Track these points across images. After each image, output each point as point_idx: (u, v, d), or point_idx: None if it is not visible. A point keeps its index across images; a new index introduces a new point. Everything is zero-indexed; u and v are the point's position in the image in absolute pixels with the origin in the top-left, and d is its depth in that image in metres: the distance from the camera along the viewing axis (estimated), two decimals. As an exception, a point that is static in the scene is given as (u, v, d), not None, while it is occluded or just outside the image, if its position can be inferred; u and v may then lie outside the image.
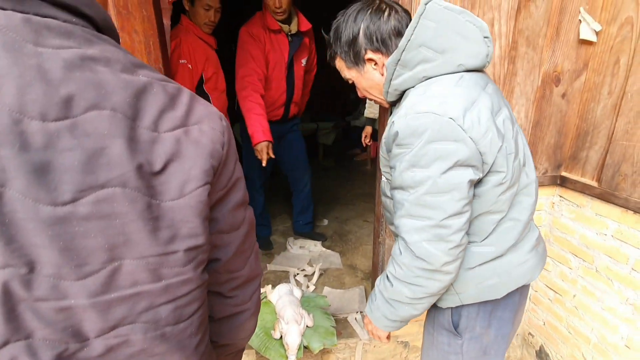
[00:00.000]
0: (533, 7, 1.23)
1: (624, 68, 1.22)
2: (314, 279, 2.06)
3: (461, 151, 0.67)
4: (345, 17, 0.81)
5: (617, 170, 1.25)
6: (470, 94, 0.71)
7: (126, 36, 0.95)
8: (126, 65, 0.36)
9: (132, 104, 0.34)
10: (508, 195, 0.77)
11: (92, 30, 0.36)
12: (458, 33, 0.71)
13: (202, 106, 0.41)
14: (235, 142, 0.45)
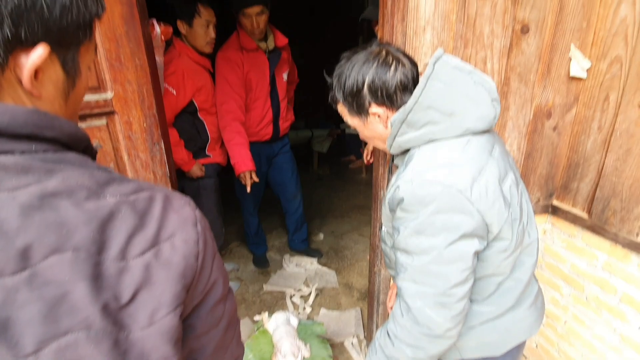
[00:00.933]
0: (525, 44, 1.24)
1: (613, 105, 1.24)
2: (310, 300, 2.07)
3: (468, 223, 0.67)
4: (349, 65, 0.77)
5: (606, 205, 1.27)
6: (477, 162, 0.70)
7: (119, 87, 0.94)
8: (92, 188, 0.35)
9: (97, 238, 0.33)
10: (511, 259, 0.77)
11: (55, 152, 0.36)
12: (466, 96, 0.70)
13: (175, 215, 0.40)
14: (211, 242, 0.43)
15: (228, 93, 1.82)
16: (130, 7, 0.92)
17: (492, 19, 1.18)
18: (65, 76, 0.39)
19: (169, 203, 0.40)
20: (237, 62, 1.83)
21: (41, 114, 0.35)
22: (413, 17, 1.12)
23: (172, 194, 0.42)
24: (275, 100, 2.02)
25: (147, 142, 1.03)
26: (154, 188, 0.41)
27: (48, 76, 0.37)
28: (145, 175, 1.04)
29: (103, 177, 0.37)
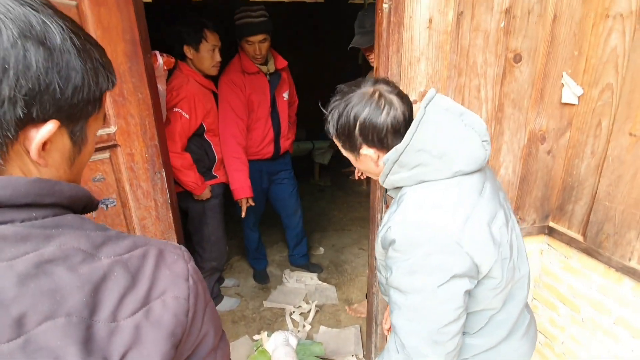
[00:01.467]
0: (518, 72, 1.28)
1: (605, 131, 1.26)
2: (309, 317, 2.08)
3: (459, 265, 0.69)
4: (343, 104, 0.77)
5: (600, 228, 1.29)
6: (467, 204, 0.72)
7: (122, 121, 0.97)
8: (87, 251, 0.37)
9: (89, 302, 0.35)
10: (502, 295, 0.78)
11: (55, 216, 0.37)
12: (456, 138, 0.72)
13: (167, 271, 0.41)
14: (203, 294, 0.44)
15: (230, 117, 1.88)
16: (133, 45, 0.95)
17: (484, 49, 1.21)
18: (72, 145, 0.41)
19: (161, 259, 0.41)
20: (239, 85, 1.89)
21: (42, 183, 0.37)
22: (408, 49, 1.16)
23: (166, 248, 0.43)
24: (275, 120, 2.07)
25: (149, 171, 1.06)
26: (148, 243, 0.42)
27: (55, 146, 0.39)
28: (147, 203, 1.07)
29: (99, 237, 0.39)
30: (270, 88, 1.98)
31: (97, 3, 0.86)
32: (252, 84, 1.92)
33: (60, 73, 0.36)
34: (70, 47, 0.37)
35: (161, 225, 1.13)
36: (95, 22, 0.87)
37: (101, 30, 0.88)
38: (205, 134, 1.81)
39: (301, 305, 2.20)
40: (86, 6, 0.84)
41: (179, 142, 1.66)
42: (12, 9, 0.34)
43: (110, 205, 0.96)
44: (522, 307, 0.86)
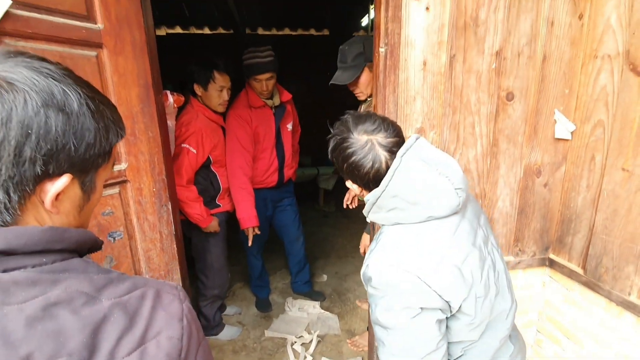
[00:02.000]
0: (511, 110, 1.33)
1: (599, 166, 1.29)
2: (311, 348, 2.05)
3: (427, 302, 0.73)
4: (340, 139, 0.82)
5: (599, 262, 1.29)
6: (438, 248, 0.76)
7: (132, 158, 1.03)
8: (90, 294, 0.40)
9: (89, 343, 0.38)
10: (477, 330, 0.81)
11: (62, 260, 0.41)
12: (430, 187, 0.76)
13: (163, 312, 0.44)
14: (196, 333, 0.47)
15: (238, 150, 1.97)
16: (146, 89, 1.03)
17: (477, 88, 1.27)
18: (82, 194, 0.45)
19: (158, 300, 0.44)
20: (246, 119, 1.98)
21: (53, 231, 0.41)
22: (403, 89, 1.22)
23: (163, 288, 0.46)
24: (280, 150, 2.15)
25: (156, 204, 1.11)
26: (147, 284, 0.45)
27: (67, 196, 0.43)
28: (152, 235, 1.11)
29: (101, 280, 0.42)
30: (275, 120, 2.07)
31: (115, 52, 0.95)
32: (258, 117, 2.02)
33: (76, 134, 0.40)
34: (86, 111, 0.41)
35: (165, 257, 1.16)
36: (113, 69, 0.95)
37: (117, 76, 0.96)
38: (211, 166, 1.87)
39: (303, 335, 2.18)
40: (105, 56, 0.93)
41: (185, 176, 1.73)
42: (37, 82, 0.38)
43: (118, 238, 1.01)
44: (503, 338, 0.87)
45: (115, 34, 0.94)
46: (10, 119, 0.36)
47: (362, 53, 1.57)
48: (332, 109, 2.76)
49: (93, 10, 0.89)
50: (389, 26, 1.18)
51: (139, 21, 0.99)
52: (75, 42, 0.86)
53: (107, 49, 0.93)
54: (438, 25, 1.20)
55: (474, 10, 1.21)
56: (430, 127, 1.28)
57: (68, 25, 0.84)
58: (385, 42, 1.20)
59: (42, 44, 0.79)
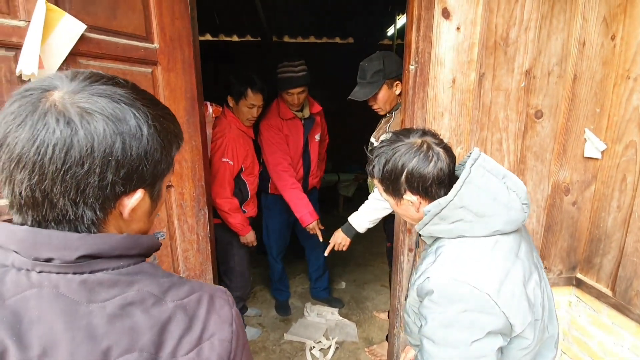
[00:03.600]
0: (539, 127, 1.34)
1: (630, 187, 1.28)
2: (329, 354, 2.08)
3: (494, 324, 0.71)
4: (391, 151, 0.81)
5: (629, 284, 1.27)
6: (504, 264, 0.74)
7: (177, 165, 1.12)
8: (158, 296, 0.45)
9: (156, 340, 0.42)
10: (530, 355, 0.80)
11: (135, 264, 0.46)
12: (498, 200, 0.74)
13: (216, 316, 0.48)
14: (243, 336, 0.50)
15: (278, 154, 2.07)
16: (192, 102, 1.12)
17: (506, 106, 1.29)
18: (151, 202, 0.50)
19: (212, 304, 0.48)
20: (278, 127, 2.08)
21: (130, 238, 0.46)
22: (432, 105, 1.26)
23: (216, 293, 0.50)
24: (307, 160, 2.24)
25: (195, 208, 1.19)
26: (202, 288, 0.50)
27: (140, 206, 0.48)
28: (190, 237, 1.19)
29: (166, 283, 0.47)
30: (304, 131, 2.15)
31: (168, 69, 1.04)
32: (289, 128, 2.11)
33: (147, 155, 0.44)
34: (154, 131, 0.44)
35: (200, 257, 1.24)
36: (165, 84, 1.04)
37: (169, 91, 1.05)
38: (242, 174, 1.96)
39: (321, 340, 2.21)
40: (159, 72, 1.02)
41: (228, 188, 1.83)
42: (112, 110, 0.41)
43: (161, 238, 1.09)
44: None
45: (168, 52, 1.03)
46: (93, 149, 0.40)
47: (381, 70, 1.60)
48: (354, 117, 2.81)
49: (151, 32, 0.99)
50: (420, 45, 1.23)
51: (188, 40, 1.08)
52: (135, 60, 0.95)
53: (161, 66, 1.02)
54: (468, 45, 1.24)
55: (504, 30, 1.23)
56: (457, 143, 1.31)
57: (130, 45, 0.93)
58: (416, 60, 1.24)
59: (108, 62, 0.89)
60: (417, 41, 1.23)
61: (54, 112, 0.39)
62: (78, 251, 0.42)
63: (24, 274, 0.41)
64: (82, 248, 0.42)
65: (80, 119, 0.39)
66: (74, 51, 0.80)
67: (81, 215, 0.42)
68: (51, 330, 0.39)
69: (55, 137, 0.38)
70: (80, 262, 0.42)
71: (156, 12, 0.98)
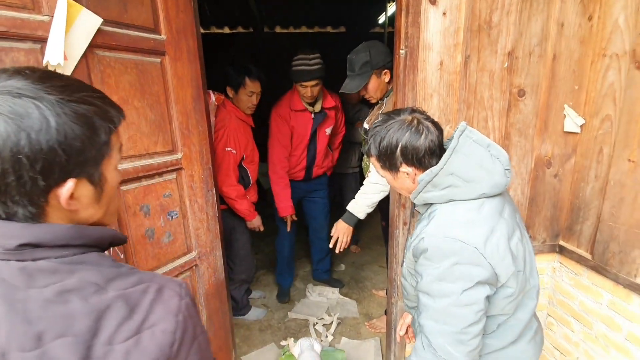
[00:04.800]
0: (522, 105, 1.43)
1: (607, 157, 1.38)
2: (331, 329, 2.20)
3: (482, 274, 0.80)
4: (385, 128, 0.89)
5: (606, 247, 1.39)
6: (490, 222, 0.84)
7: (187, 149, 1.20)
8: (99, 285, 0.45)
9: (93, 327, 0.43)
10: (514, 303, 0.90)
11: (81, 254, 0.46)
12: (483, 167, 0.85)
13: (161, 306, 0.47)
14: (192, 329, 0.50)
15: (277, 146, 2.19)
16: (198, 90, 1.19)
17: (490, 85, 1.38)
18: (93, 188, 0.48)
19: (159, 295, 0.48)
20: (285, 118, 2.16)
21: (74, 229, 0.46)
22: (421, 87, 1.35)
23: (167, 285, 0.50)
24: (311, 151, 2.31)
25: (204, 189, 1.28)
26: (153, 280, 0.49)
27: (80, 194, 0.47)
28: (201, 216, 1.28)
29: (112, 273, 0.47)
30: (313, 124, 2.20)
31: (175, 59, 1.11)
32: (296, 119, 2.17)
33: (62, 145, 0.42)
34: (66, 120, 0.42)
35: (210, 235, 1.33)
36: (173, 73, 1.11)
37: (176, 79, 1.13)
38: (243, 162, 2.04)
39: (324, 317, 2.33)
40: (167, 62, 1.09)
41: (233, 176, 1.93)
42: (11, 106, 0.40)
43: (174, 216, 1.18)
44: (531, 315, 0.97)
45: (175, 43, 1.10)
46: (1, 151, 0.40)
47: (368, 62, 1.65)
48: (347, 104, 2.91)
49: (159, 24, 1.06)
50: (409, 30, 1.31)
51: (192, 32, 1.15)
52: (145, 51, 1.02)
53: (168, 56, 1.09)
54: (454, 29, 1.32)
55: (487, 14, 1.32)
56: (446, 122, 1.40)
57: (141, 37, 1.00)
58: (406, 45, 1.33)
59: (122, 53, 0.96)
60: (406, 27, 1.31)
61: None
62: (18, 240, 0.43)
63: None
64: (23, 237, 0.43)
65: None
66: (91, 43, 0.88)
67: (14, 213, 0.44)
68: None
69: None
70: (22, 250, 0.43)
71: (162, 5, 1.05)
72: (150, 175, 1.08)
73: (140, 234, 1.07)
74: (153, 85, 1.06)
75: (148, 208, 1.08)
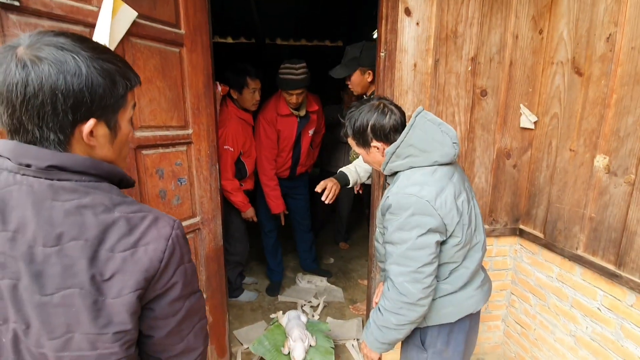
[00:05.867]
0: (484, 103, 1.67)
1: (555, 149, 1.62)
2: (318, 309, 2.37)
3: (432, 222, 0.99)
4: (358, 112, 1.10)
5: (554, 225, 1.61)
6: (440, 183, 1.04)
7: (196, 127, 1.41)
8: (108, 206, 0.55)
9: (100, 236, 0.53)
10: (462, 252, 1.10)
11: (95, 181, 0.56)
12: (435, 140, 1.06)
13: (155, 231, 0.57)
14: (179, 254, 0.60)
15: (266, 147, 2.35)
16: (208, 77, 1.42)
17: (457, 85, 1.63)
18: (109, 132, 0.58)
19: (155, 222, 0.58)
20: (272, 122, 2.33)
21: (91, 161, 0.56)
22: (398, 84, 1.58)
23: (162, 217, 0.59)
24: (296, 152, 2.52)
25: (208, 163, 1.48)
26: (151, 211, 0.59)
27: (98, 133, 0.57)
28: (205, 186, 1.48)
29: (118, 200, 0.57)
30: (298, 127, 2.41)
31: (191, 50, 1.34)
32: (283, 123, 2.36)
33: (89, 90, 0.52)
34: (93, 70, 0.53)
35: (212, 204, 1.53)
36: (188, 62, 1.34)
37: (191, 67, 1.35)
38: (241, 157, 2.26)
39: (311, 300, 2.50)
40: (184, 52, 1.32)
41: (229, 171, 2.14)
42: (55, 55, 0.51)
43: (183, 183, 1.38)
44: (477, 266, 1.17)
45: (191, 37, 1.33)
46: (42, 85, 0.50)
47: (356, 58, 1.86)
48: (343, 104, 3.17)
49: (179, 20, 1.29)
50: (388, 36, 1.55)
51: (206, 29, 1.39)
52: (167, 41, 1.25)
53: (186, 48, 1.32)
54: (426, 36, 1.57)
55: (453, 25, 1.57)
56: (419, 115, 1.63)
57: (165, 30, 1.23)
58: (385, 48, 1.57)
59: (150, 42, 1.19)
60: (386, 33, 1.56)
61: (15, 60, 0.50)
62: (49, 162, 0.52)
63: (12, 175, 0.53)
64: (52, 160, 0.53)
65: (32, 63, 0.50)
66: (127, 31, 1.10)
67: (47, 137, 0.53)
68: (24, 214, 0.52)
69: (16, 78, 0.49)
70: (50, 171, 0.53)
71: (183, 5, 1.29)
72: (166, 144, 1.29)
73: (155, 193, 1.27)
74: (172, 70, 1.28)
75: (162, 172, 1.29)
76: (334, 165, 3.25)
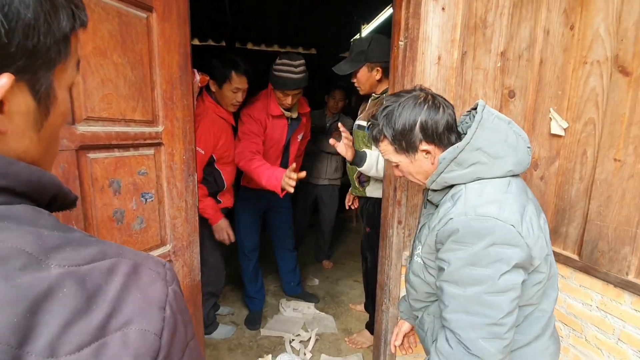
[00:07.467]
0: (512, 106, 1.46)
1: (591, 158, 1.43)
2: (309, 345, 2.02)
3: (519, 255, 0.73)
4: (399, 105, 0.83)
5: (595, 246, 1.40)
6: (520, 200, 0.78)
7: (169, 122, 1.04)
8: (34, 254, 0.28)
9: (22, 325, 0.25)
10: (542, 291, 0.84)
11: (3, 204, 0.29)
12: (508, 143, 0.80)
13: (138, 294, 0.31)
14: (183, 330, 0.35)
15: (247, 137, 1.89)
16: (185, 58, 1.06)
17: (484, 84, 1.40)
18: (36, 105, 0.32)
19: (134, 276, 0.32)
20: (260, 122, 1.94)
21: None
22: (419, 80, 1.32)
23: (145, 263, 0.34)
24: (285, 158, 2.18)
25: (184, 172, 1.11)
26: (121, 254, 0.33)
27: (16, 107, 0.31)
28: (179, 203, 1.11)
29: (54, 239, 0.30)
30: (288, 131, 2.08)
31: (163, 19, 0.98)
32: (273, 125, 2.00)
33: (5, 9, 0.27)
34: None
35: (188, 227, 1.15)
36: (159, 34, 0.98)
37: (163, 41, 0.99)
38: (215, 164, 1.86)
39: (300, 333, 2.14)
40: (154, 19, 0.96)
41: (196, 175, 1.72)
42: None
43: (149, 199, 1.00)
44: (554, 307, 0.90)
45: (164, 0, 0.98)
46: None
47: (363, 51, 1.65)
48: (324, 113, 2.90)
49: (148, -26, 0.93)
50: (410, 22, 1.29)
51: (185, -8, 1.04)
52: (131, 1, 0.89)
53: (156, 13, 0.96)
54: (452, 24, 1.33)
55: (483, 13, 1.35)
56: (443, 117, 1.38)
57: (127, -17, 0.87)
58: (405, 36, 1.31)
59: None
60: (407, 18, 1.30)
61: None
62: None
63: None
64: None
65: None
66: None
67: None
68: None
69: None
70: None
71: (154, -45, 0.94)
72: (125, 146, 0.91)
73: (107, 215, 0.88)
74: (137, 42, 0.91)
75: (119, 185, 0.90)
76: (315, 177, 2.95)
